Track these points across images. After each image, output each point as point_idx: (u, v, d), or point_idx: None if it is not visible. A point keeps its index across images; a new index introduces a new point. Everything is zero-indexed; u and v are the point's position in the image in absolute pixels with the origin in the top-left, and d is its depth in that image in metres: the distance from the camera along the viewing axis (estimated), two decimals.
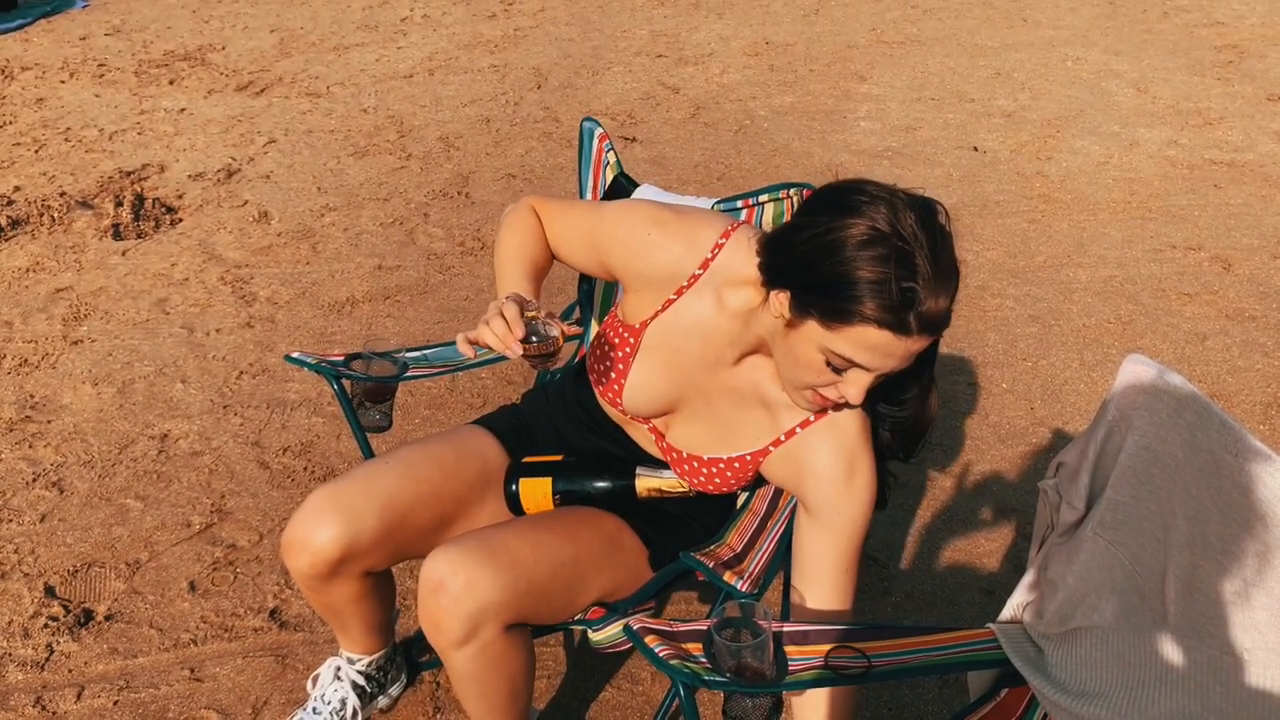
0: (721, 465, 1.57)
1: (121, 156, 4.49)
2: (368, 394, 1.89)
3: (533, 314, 1.39)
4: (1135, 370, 1.24)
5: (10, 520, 2.49)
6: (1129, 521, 1.22)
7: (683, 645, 1.31)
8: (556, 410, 1.81)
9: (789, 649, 1.32)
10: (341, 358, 1.90)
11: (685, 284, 1.52)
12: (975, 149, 4.64)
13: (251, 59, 5.79)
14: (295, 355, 1.88)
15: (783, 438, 1.51)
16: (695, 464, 1.60)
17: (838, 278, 1.26)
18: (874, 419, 1.50)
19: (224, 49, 5.95)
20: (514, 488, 1.67)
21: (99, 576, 2.34)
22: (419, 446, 1.72)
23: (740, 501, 1.80)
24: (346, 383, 1.87)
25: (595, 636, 1.56)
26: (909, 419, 1.47)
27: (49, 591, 2.29)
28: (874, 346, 1.26)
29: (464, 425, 1.83)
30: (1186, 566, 1.18)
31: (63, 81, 5.41)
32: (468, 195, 4.18)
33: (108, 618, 2.23)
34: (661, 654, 1.27)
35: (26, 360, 3.11)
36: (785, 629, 1.35)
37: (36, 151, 4.54)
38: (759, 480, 1.63)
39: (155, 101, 5.15)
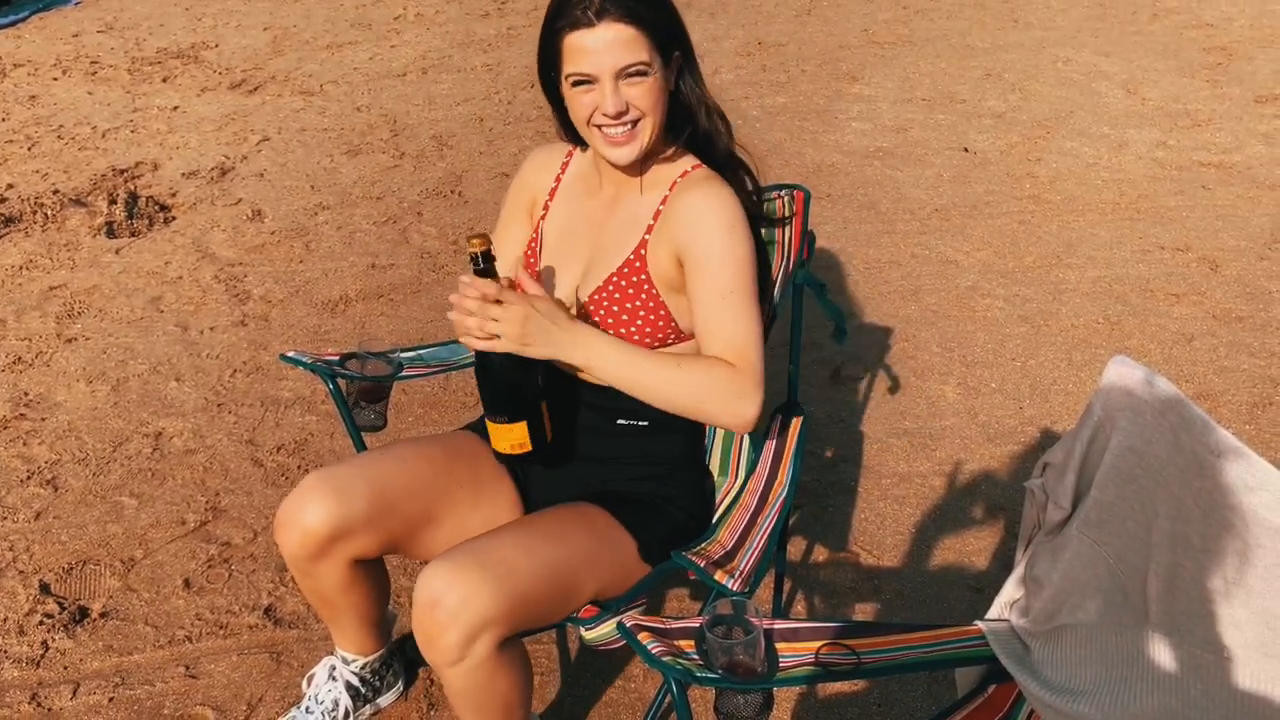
0: (617, 280, 1.64)
1: (115, 154, 4.49)
2: (363, 393, 1.90)
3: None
4: (1120, 372, 1.26)
5: (5, 518, 2.50)
6: (1113, 521, 1.24)
7: (675, 642, 1.32)
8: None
9: (780, 646, 1.34)
10: (337, 357, 1.92)
11: (553, 184, 1.77)
12: (966, 150, 4.67)
13: (245, 57, 5.79)
14: (291, 354, 1.89)
15: (652, 221, 1.65)
16: (603, 298, 1.65)
17: (545, 32, 1.57)
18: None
19: (217, 47, 5.95)
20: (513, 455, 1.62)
21: (94, 574, 2.35)
22: (412, 443, 1.75)
23: (730, 497, 1.82)
24: (342, 382, 1.88)
25: (588, 635, 1.58)
26: (704, 101, 1.64)
27: (44, 589, 2.30)
28: (581, 50, 1.51)
29: (455, 430, 1.85)
30: (1168, 565, 1.20)
31: (55, 79, 5.40)
32: (461, 194, 4.19)
33: (103, 615, 2.24)
34: (654, 651, 1.28)
35: (20, 358, 3.12)
36: (776, 626, 1.37)
37: (29, 149, 4.54)
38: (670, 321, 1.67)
39: (148, 99, 5.15)
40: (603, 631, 1.56)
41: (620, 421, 1.72)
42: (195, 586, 2.32)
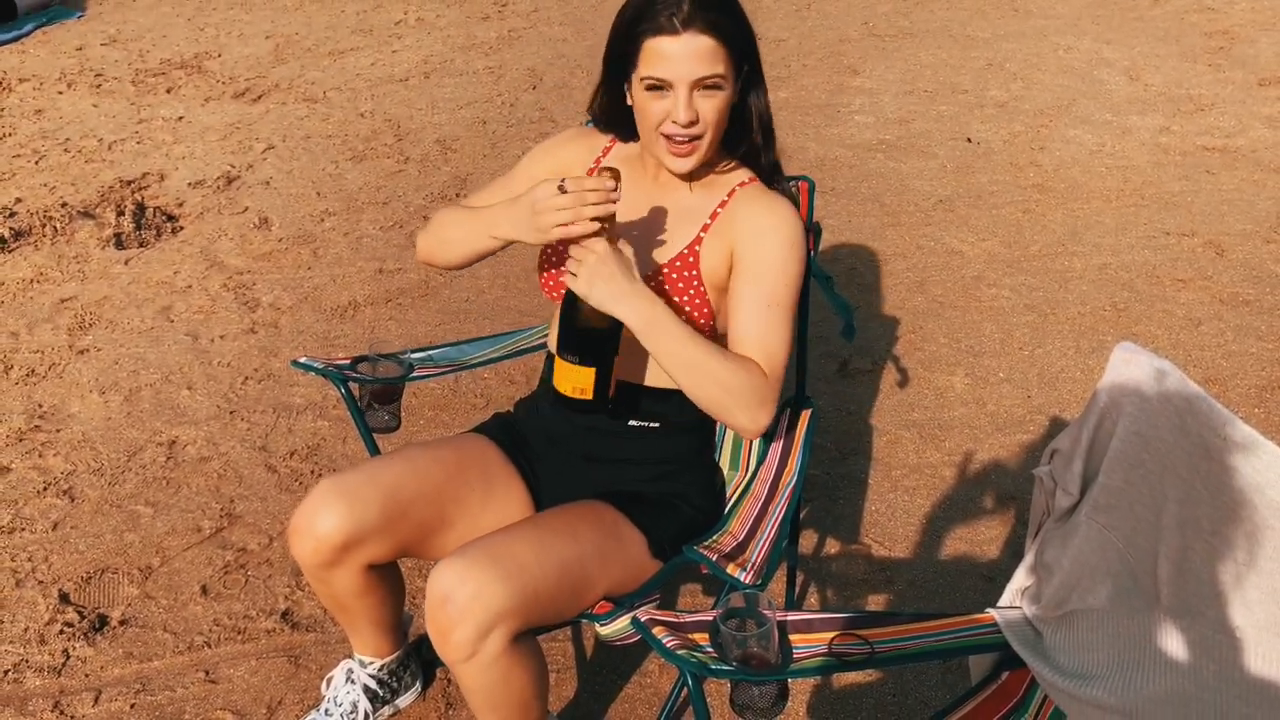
0: (668, 272, 1.66)
1: (121, 166, 4.52)
2: (375, 396, 1.92)
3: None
4: (1125, 358, 1.27)
5: (23, 529, 2.53)
6: (1121, 505, 1.25)
7: (689, 636, 1.34)
8: (546, 418, 1.84)
9: (793, 637, 1.35)
10: (347, 361, 1.93)
11: (593, 165, 1.77)
12: (969, 140, 4.67)
13: (248, 66, 5.81)
14: (303, 360, 1.91)
15: (709, 221, 1.67)
16: (652, 287, 1.63)
17: (623, 32, 1.57)
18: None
19: (220, 56, 5.98)
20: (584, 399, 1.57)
21: (112, 582, 2.37)
22: (422, 446, 1.76)
23: (741, 488, 1.84)
24: (354, 386, 1.90)
25: (603, 630, 1.59)
26: (762, 116, 1.67)
27: (63, 598, 2.32)
28: (661, 56, 1.51)
29: (464, 433, 1.86)
30: (1178, 548, 1.21)
31: (61, 92, 5.44)
32: (466, 197, 4.20)
33: (122, 622, 2.26)
34: (669, 645, 1.30)
35: (34, 370, 3.14)
36: (789, 618, 1.39)
37: (37, 163, 4.57)
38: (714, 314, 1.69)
39: (153, 110, 5.18)
40: (617, 627, 1.57)
41: (632, 424, 1.74)
42: (212, 592, 2.34)
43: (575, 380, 1.55)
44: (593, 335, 1.52)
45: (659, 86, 1.54)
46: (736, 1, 1.58)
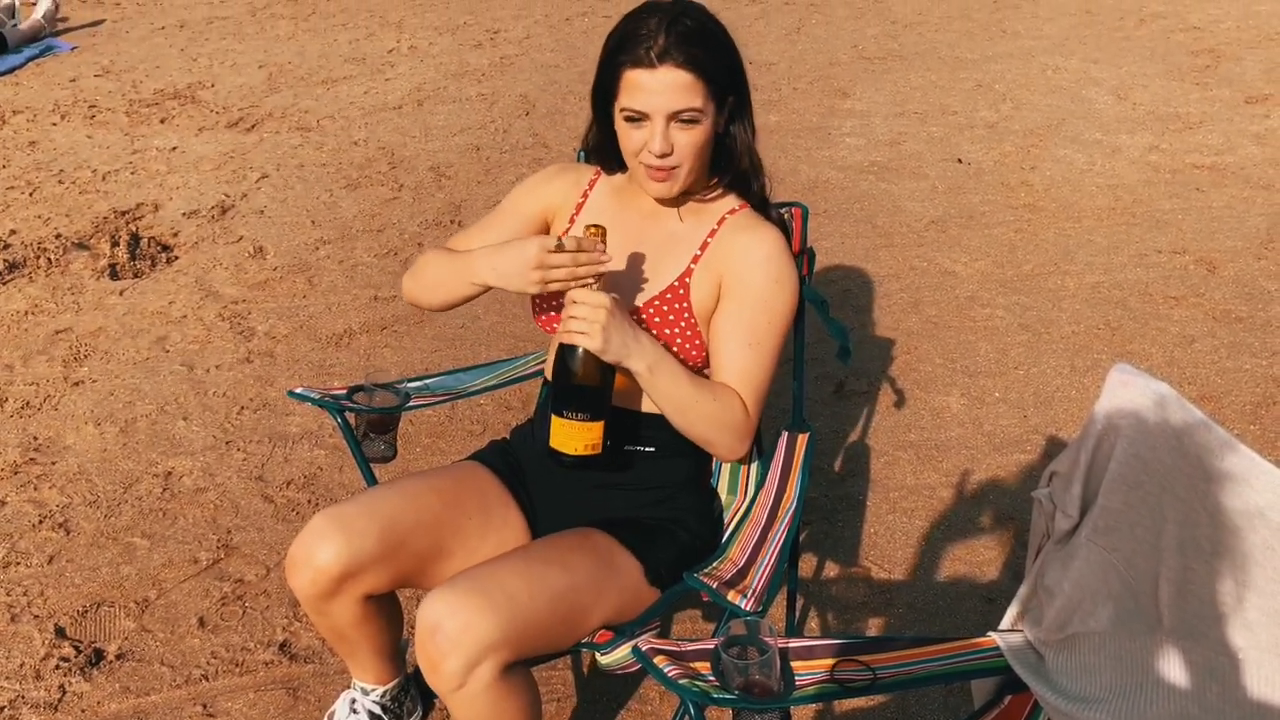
0: (658, 305, 1.67)
1: (115, 196, 4.53)
2: (372, 425, 1.92)
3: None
4: (1121, 379, 1.27)
5: (18, 563, 2.51)
6: (1121, 527, 1.25)
7: (691, 664, 1.33)
8: (542, 445, 1.84)
9: (795, 664, 1.35)
10: (344, 390, 1.93)
11: (581, 199, 1.78)
12: (959, 161, 4.69)
13: (241, 95, 5.84)
14: (299, 391, 1.90)
15: (699, 252, 1.68)
16: (640, 321, 1.67)
17: (606, 61, 1.61)
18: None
19: (213, 86, 6.00)
20: (566, 459, 1.57)
21: (108, 616, 2.36)
22: (419, 476, 1.76)
23: (740, 514, 1.83)
24: (350, 415, 1.90)
25: (604, 659, 1.59)
26: (747, 148, 1.70)
27: (59, 632, 2.31)
28: (637, 87, 1.54)
29: (460, 461, 1.86)
30: (1178, 570, 1.21)
31: (54, 124, 5.45)
32: (460, 224, 4.22)
33: (119, 656, 2.25)
34: (670, 674, 1.29)
35: (29, 403, 3.13)
36: (791, 644, 1.38)
37: (31, 194, 4.57)
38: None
39: (147, 141, 5.19)
40: (618, 656, 1.57)
41: (626, 448, 1.74)
42: (210, 625, 2.32)
43: (586, 438, 1.55)
44: (598, 388, 1.54)
45: (636, 118, 1.56)
46: (718, 34, 1.59)
